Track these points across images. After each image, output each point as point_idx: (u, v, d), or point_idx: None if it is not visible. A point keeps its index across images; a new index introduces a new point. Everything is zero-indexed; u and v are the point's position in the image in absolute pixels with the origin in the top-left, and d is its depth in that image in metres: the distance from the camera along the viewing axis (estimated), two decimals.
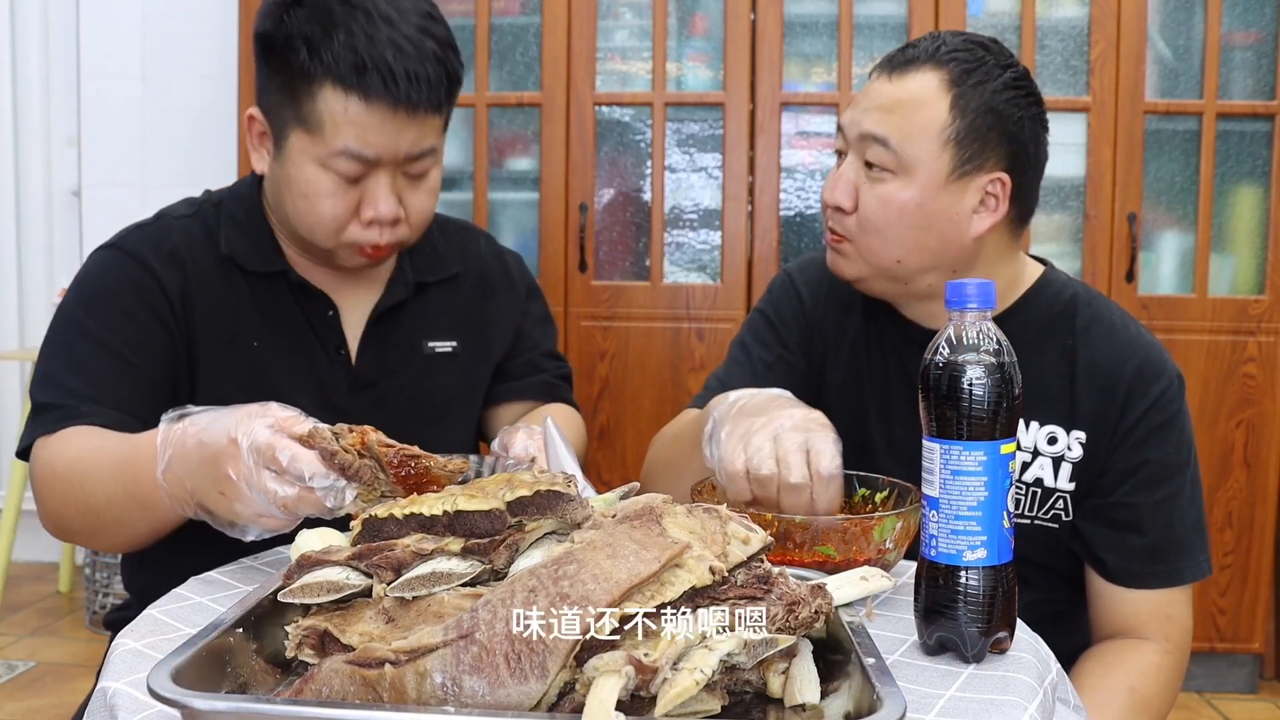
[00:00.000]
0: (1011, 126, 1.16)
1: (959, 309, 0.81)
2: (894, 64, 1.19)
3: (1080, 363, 1.20)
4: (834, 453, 1.00)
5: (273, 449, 0.86)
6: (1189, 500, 1.20)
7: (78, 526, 1.11)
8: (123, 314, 1.18)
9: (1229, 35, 2.49)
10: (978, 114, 1.15)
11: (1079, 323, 1.22)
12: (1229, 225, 2.53)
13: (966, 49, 1.18)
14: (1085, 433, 1.19)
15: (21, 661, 2.61)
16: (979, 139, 1.15)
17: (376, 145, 1.12)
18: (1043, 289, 1.26)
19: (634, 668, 0.62)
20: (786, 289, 1.38)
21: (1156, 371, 1.19)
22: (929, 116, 1.15)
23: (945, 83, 1.16)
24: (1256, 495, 2.47)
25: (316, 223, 1.17)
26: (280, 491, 0.87)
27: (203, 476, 0.92)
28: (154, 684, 0.62)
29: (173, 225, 1.25)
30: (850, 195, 1.19)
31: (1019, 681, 0.76)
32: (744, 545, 0.71)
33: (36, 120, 3.34)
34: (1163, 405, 1.18)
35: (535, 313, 1.44)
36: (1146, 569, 1.19)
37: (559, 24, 2.52)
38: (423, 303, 1.33)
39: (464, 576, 0.75)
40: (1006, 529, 0.80)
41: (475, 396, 1.37)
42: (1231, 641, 2.50)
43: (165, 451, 0.95)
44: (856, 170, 1.20)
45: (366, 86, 1.10)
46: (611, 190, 2.62)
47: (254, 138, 1.21)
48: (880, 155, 1.17)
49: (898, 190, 1.17)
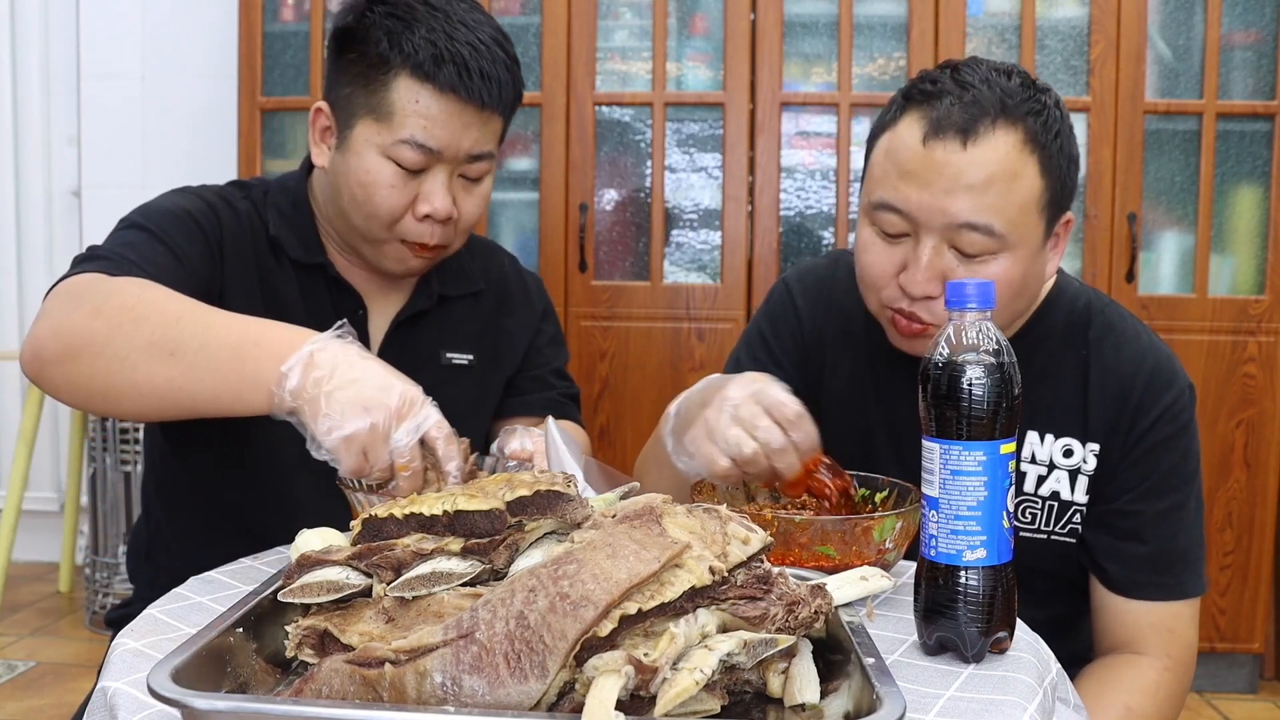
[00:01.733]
0: (1075, 165, 1.13)
1: (959, 309, 0.81)
2: (959, 128, 1.05)
3: (1093, 373, 1.18)
4: (787, 397, 1.02)
5: (447, 436, 0.93)
6: (1193, 514, 1.18)
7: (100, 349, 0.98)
8: (183, 229, 1.18)
9: (1229, 35, 2.49)
10: (1061, 171, 1.09)
11: (1092, 333, 1.20)
12: (1229, 225, 2.53)
13: (1026, 94, 1.07)
14: (1099, 444, 1.17)
15: (21, 661, 2.61)
16: (1064, 194, 1.11)
17: (441, 138, 1.16)
18: (1057, 298, 1.22)
19: (634, 667, 0.62)
20: (784, 302, 1.34)
21: (1168, 381, 1.17)
22: (1024, 189, 1.06)
23: (1026, 143, 1.06)
24: (1256, 495, 2.47)
25: (373, 212, 1.19)
26: (416, 462, 0.91)
27: (361, 392, 0.91)
28: (154, 683, 0.62)
29: (233, 195, 1.28)
30: (939, 283, 1.08)
31: (1019, 681, 0.76)
32: (744, 545, 0.71)
33: (36, 120, 3.34)
34: (1173, 415, 1.16)
35: (548, 332, 1.47)
36: (1148, 579, 1.17)
37: (559, 24, 2.52)
38: (444, 314, 1.35)
39: (464, 576, 0.75)
40: (1006, 529, 0.80)
41: (486, 409, 1.39)
42: (1231, 641, 2.50)
43: (330, 346, 0.93)
44: (942, 255, 1.08)
45: (441, 78, 1.15)
46: (611, 190, 2.62)
47: (317, 132, 1.24)
48: (981, 243, 1.06)
49: (1000, 270, 1.07)
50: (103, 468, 2.84)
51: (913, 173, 1.07)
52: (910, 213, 1.08)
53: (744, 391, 1.03)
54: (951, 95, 1.06)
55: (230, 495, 1.24)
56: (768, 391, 1.02)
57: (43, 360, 1.01)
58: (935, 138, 1.06)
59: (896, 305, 1.12)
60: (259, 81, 2.63)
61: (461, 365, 1.36)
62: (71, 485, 3.02)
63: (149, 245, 1.14)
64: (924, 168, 1.06)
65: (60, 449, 3.33)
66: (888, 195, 1.09)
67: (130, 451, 2.83)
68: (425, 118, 1.16)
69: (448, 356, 1.35)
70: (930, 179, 1.06)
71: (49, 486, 3.36)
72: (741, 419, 1.01)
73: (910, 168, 1.07)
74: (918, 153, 1.06)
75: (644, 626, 0.65)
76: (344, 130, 1.20)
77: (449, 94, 1.16)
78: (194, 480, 1.27)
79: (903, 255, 1.10)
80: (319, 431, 0.90)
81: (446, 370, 1.35)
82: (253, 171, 2.63)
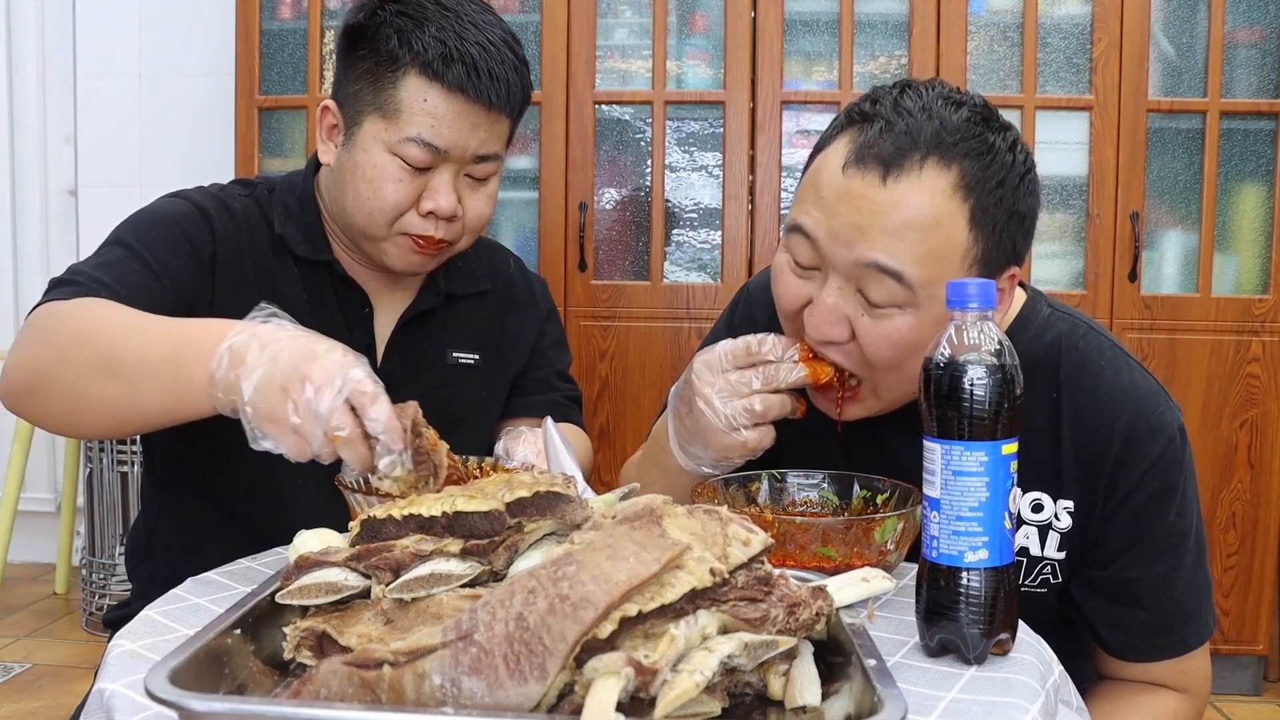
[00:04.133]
0: (1028, 222, 1.00)
1: (960, 309, 0.80)
2: (882, 159, 0.95)
3: (1065, 420, 1.05)
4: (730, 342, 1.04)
5: (371, 394, 0.86)
6: (1193, 565, 1.07)
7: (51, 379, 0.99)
8: (167, 242, 1.18)
9: (1233, 33, 2.48)
10: (1000, 226, 0.97)
11: (1063, 373, 1.06)
12: (1233, 224, 2.53)
13: (971, 130, 0.96)
14: (1074, 501, 1.06)
15: (18, 663, 2.61)
16: (1001, 250, 0.98)
17: (448, 137, 1.17)
18: (1021, 330, 1.08)
19: (634, 669, 0.61)
20: (745, 314, 1.28)
21: (1151, 431, 1.03)
22: (946, 241, 0.95)
23: (958, 189, 0.95)
24: (1260, 496, 2.47)
25: (377, 208, 1.19)
26: (345, 428, 0.85)
27: (276, 374, 0.86)
28: (151, 685, 0.61)
29: (234, 195, 1.28)
30: (844, 328, 0.99)
31: (1021, 683, 0.76)
32: (745, 547, 0.71)
33: (33, 119, 3.34)
34: (1161, 469, 1.03)
35: (552, 334, 1.47)
36: (1148, 643, 1.09)
37: (559, 22, 2.52)
38: (451, 313, 1.35)
39: (463, 578, 0.74)
40: (1008, 530, 0.79)
41: (491, 409, 1.39)
42: (1235, 643, 2.50)
43: (245, 334, 0.90)
44: (846, 300, 0.99)
45: (450, 78, 1.15)
46: (611, 189, 2.62)
47: (324, 130, 1.25)
48: (889, 291, 0.96)
49: (908, 327, 0.97)
50: (99, 468, 2.84)
51: (826, 200, 0.98)
52: (819, 242, 0.98)
53: (698, 362, 1.04)
54: (884, 121, 0.96)
55: (228, 493, 1.24)
56: (716, 351, 1.04)
57: (14, 395, 1.04)
58: (855, 167, 0.96)
59: (809, 341, 1.03)
60: (256, 80, 2.63)
61: (467, 365, 1.36)
62: (68, 486, 3.02)
63: (125, 264, 1.13)
64: (838, 197, 0.97)
65: (56, 449, 3.32)
66: (800, 218, 1.00)
67: (127, 452, 2.83)
68: (433, 116, 1.16)
69: (453, 356, 1.35)
70: (841, 210, 0.96)
71: (45, 487, 3.35)
72: (716, 378, 1.02)
73: (825, 194, 0.98)
74: (836, 179, 0.97)
75: (644, 628, 0.65)
76: (351, 127, 1.20)
77: (457, 93, 1.16)
78: (192, 478, 1.27)
79: (811, 289, 1.01)
80: (248, 421, 0.88)
81: (452, 369, 1.35)
82: (250, 170, 2.63)
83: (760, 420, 1.02)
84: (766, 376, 1.01)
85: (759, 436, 1.03)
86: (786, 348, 1.02)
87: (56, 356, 0.99)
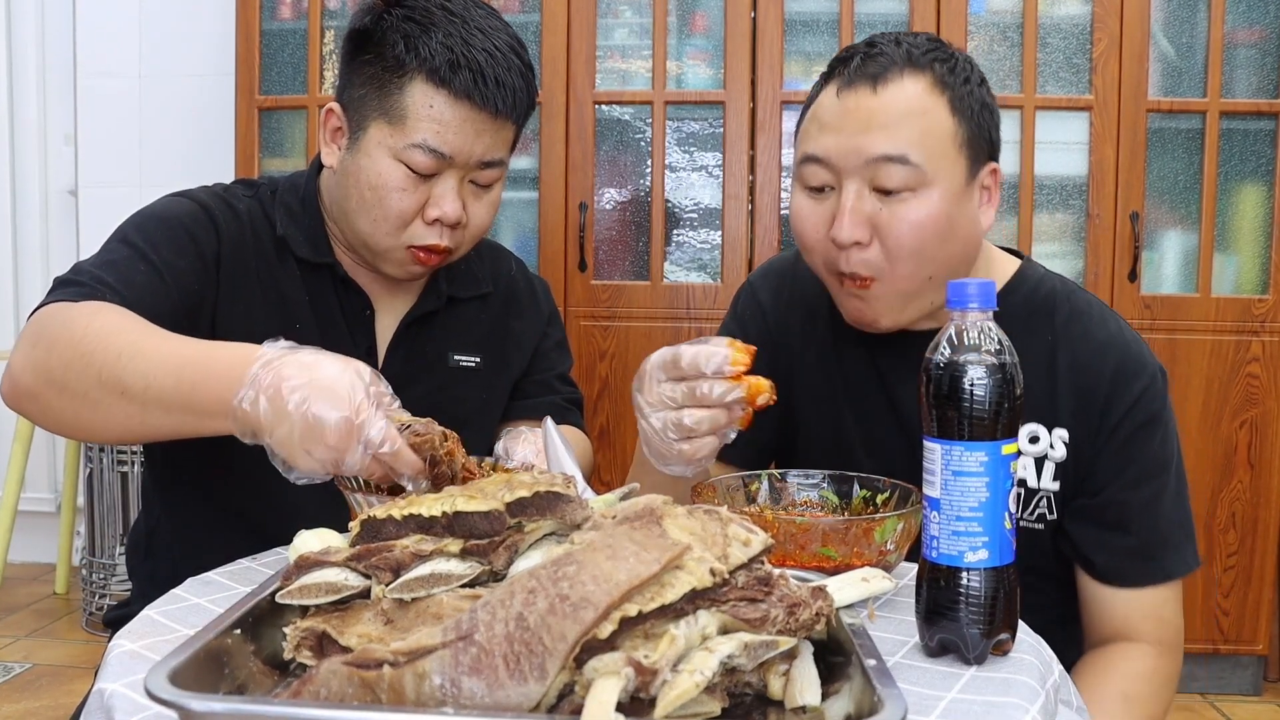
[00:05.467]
0: (995, 116, 1.16)
1: (960, 309, 0.80)
2: (867, 75, 1.11)
3: (1061, 359, 1.18)
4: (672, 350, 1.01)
5: (391, 453, 0.89)
6: (1175, 496, 1.19)
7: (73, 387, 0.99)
8: (172, 242, 1.17)
9: (1232, 33, 2.48)
10: (974, 115, 1.12)
11: (1058, 319, 1.19)
12: (1232, 224, 2.53)
13: (934, 47, 1.13)
14: (1068, 430, 1.17)
15: (18, 663, 2.61)
16: (980, 136, 1.13)
17: (453, 144, 1.16)
18: (1020, 284, 1.22)
19: (634, 669, 0.61)
20: (749, 302, 1.36)
21: (1136, 369, 1.16)
22: (937, 123, 1.10)
23: (934, 86, 1.10)
24: (1260, 496, 2.47)
25: (382, 216, 1.18)
26: (365, 472, 0.90)
27: (294, 431, 0.88)
28: (151, 685, 0.61)
29: (238, 195, 1.28)
30: (866, 228, 1.10)
31: (1021, 683, 0.76)
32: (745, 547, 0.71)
33: (33, 119, 3.34)
34: (1145, 404, 1.16)
35: (554, 336, 1.47)
36: (1135, 567, 1.18)
37: (558, 22, 2.52)
38: (452, 316, 1.35)
39: (463, 578, 0.74)
40: (1008, 530, 0.79)
41: (493, 412, 1.39)
42: (1235, 643, 2.50)
43: (255, 385, 0.89)
44: (865, 199, 1.11)
45: (456, 84, 1.15)
46: (611, 189, 2.62)
47: (327, 132, 1.24)
48: (900, 176, 1.09)
49: (924, 207, 1.09)
50: (99, 468, 2.84)
51: (829, 123, 1.12)
52: (829, 158, 1.11)
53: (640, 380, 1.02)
54: (861, 56, 1.13)
55: (229, 492, 1.24)
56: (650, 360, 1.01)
57: (17, 397, 1.04)
58: (847, 89, 1.11)
59: (835, 268, 1.14)
60: (256, 80, 2.63)
61: (469, 367, 1.35)
62: (68, 486, 3.02)
63: (130, 263, 1.13)
64: (839, 116, 1.11)
65: (57, 449, 3.32)
66: (808, 147, 1.14)
67: (127, 452, 2.82)
68: (438, 123, 1.15)
69: (455, 359, 1.35)
70: (845, 124, 1.11)
71: (45, 487, 3.35)
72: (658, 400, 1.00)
73: (827, 119, 1.12)
74: (833, 105, 1.12)
75: (644, 628, 0.64)
76: (356, 132, 1.20)
77: (463, 100, 1.15)
78: (193, 477, 1.27)
79: (830, 209, 1.13)
80: (282, 468, 0.91)
81: (454, 372, 1.34)
82: (250, 170, 2.63)
83: (691, 434, 0.99)
84: (697, 392, 0.98)
85: (692, 448, 1.00)
86: (719, 359, 0.97)
87: (63, 366, 0.99)
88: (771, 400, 1.00)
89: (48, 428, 1.07)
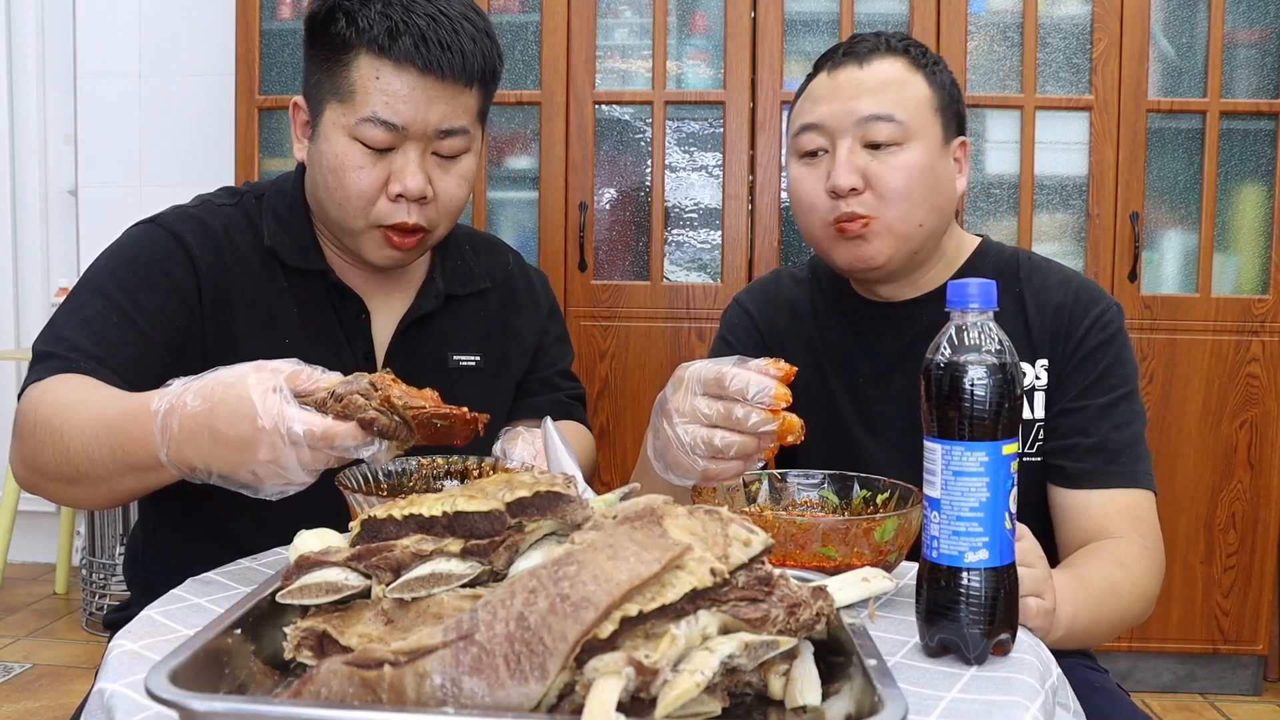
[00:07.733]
0: (961, 97, 1.31)
1: (960, 309, 0.80)
2: (854, 55, 1.27)
3: (1029, 302, 1.30)
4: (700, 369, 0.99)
5: (313, 434, 0.85)
6: (1135, 414, 1.25)
7: (53, 474, 1.04)
8: (146, 282, 1.17)
9: (1232, 33, 2.48)
10: (945, 89, 1.27)
11: (1022, 273, 1.32)
12: (1232, 224, 2.53)
13: (907, 38, 1.29)
14: (1046, 359, 1.27)
15: (18, 663, 2.60)
16: (950, 109, 1.27)
17: (404, 113, 1.14)
18: (986, 251, 1.36)
19: (634, 669, 0.61)
20: (738, 313, 1.43)
21: (1094, 296, 1.30)
22: (916, 90, 1.25)
23: (911, 65, 1.26)
24: (1260, 496, 2.47)
25: (345, 197, 1.17)
26: (316, 465, 0.87)
27: (226, 460, 0.88)
28: (151, 685, 0.61)
29: (215, 210, 1.26)
30: (859, 176, 1.23)
31: (1021, 683, 0.76)
32: (745, 547, 0.71)
33: (33, 118, 3.34)
34: (1103, 324, 1.27)
35: (554, 331, 1.46)
36: (1100, 467, 1.22)
37: (558, 22, 2.52)
38: (450, 315, 1.34)
39: (463, 577, 0.74)
40: (1008, 530, 0.79)
41: (497, 412, 1.36)
42: (1235, 643, 2.49)
43: (166, 436, 0.91)
44: (857, 153, 1.24)
45: (397, 51, 1.13)
46: (611, 189, 2.62)
47: (297, 127, 1.23)
48: (888, 131, 1.23)
49: (910, 156, 1.23)
50: None
51: (823, 96, 1.27)
52: (823, 123, 1.25)
53: (675, 389, 1.00)
54: (844, 47, 1.28)
55: (215, 509, 1.22)
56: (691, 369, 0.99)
57: (24, 487, 1.11)
58: (838, 68, 1.27)
59: (835, 215, 1.24)
60: (256, 80, 2.63)
61: (469, 367, 1.34)
62: None
63: (104, 317, 1.14)
64: (831, 90, 1.26)
65: None
66: (804, 118, 1.27)
67: None
68: (386, 93, 1.14)
69: (455, 359, 1.34)
70: (837, 94, 1.25)
71: None
72: (692, 413, 0.97)
73: (821, 94, 1.27)
74: (825, 82, 1.28)
75: (645, 628, 0.64)
76: (315, 118, 1.19)
77: (408, 67, 1.14)
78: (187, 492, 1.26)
79: (825, 169, 1.25)
80: (250, 492, 0.91)
81: (454, 373, 1.33)
82: (250, 170, 2.63)
83: (718, 455, 0.97)
84: (733, 415, 0.96)
85: (717, 469, 0.98)
86: (765, 390, 0.95)
87: (34, 458, 1.05)
88: (799, 441, 0.97)
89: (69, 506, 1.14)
